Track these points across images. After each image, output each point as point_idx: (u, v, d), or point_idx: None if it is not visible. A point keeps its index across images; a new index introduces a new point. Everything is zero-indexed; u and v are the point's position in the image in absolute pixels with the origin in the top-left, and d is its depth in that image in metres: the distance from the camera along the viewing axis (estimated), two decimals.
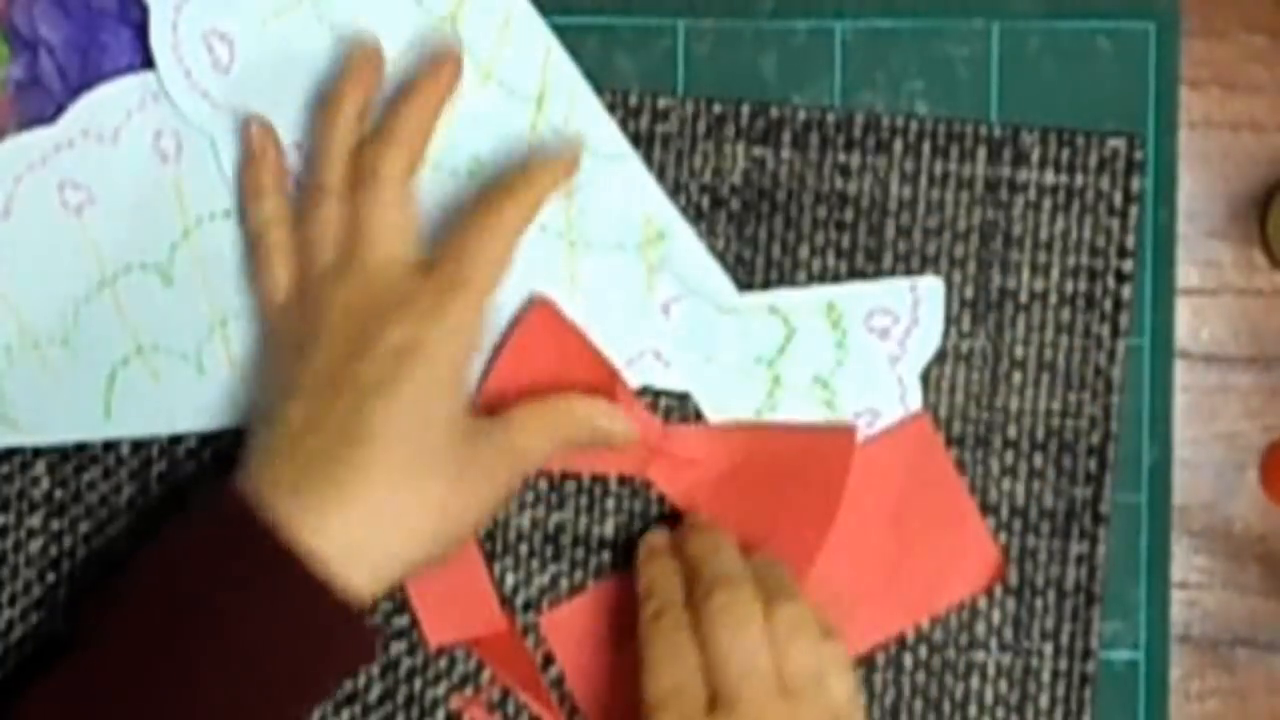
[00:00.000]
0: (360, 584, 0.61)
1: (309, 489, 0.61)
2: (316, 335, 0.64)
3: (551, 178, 0.67)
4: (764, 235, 0.70)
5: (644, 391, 0.70)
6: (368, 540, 0.61)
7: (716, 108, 0.70)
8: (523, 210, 0.65)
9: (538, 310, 0.68)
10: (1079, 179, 0.70)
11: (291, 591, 0.60)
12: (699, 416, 0.70)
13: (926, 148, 0.70)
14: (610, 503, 0.71)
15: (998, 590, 0.70)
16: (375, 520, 0.61)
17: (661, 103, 0.70)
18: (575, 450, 0.69)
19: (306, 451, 0.62)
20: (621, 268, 0.69)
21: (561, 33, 0.69)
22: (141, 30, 0.68)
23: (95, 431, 0.70)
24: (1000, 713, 0.70)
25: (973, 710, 0.70)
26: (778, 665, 0.62)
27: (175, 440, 0.70)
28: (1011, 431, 0.70)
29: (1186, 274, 0.71)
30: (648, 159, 0.70)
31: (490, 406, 0.67)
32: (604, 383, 0.69)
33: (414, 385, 0.62)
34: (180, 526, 0.62)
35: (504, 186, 0.66)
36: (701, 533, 0.68)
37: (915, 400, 0.70)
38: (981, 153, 0.70)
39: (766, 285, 0.70)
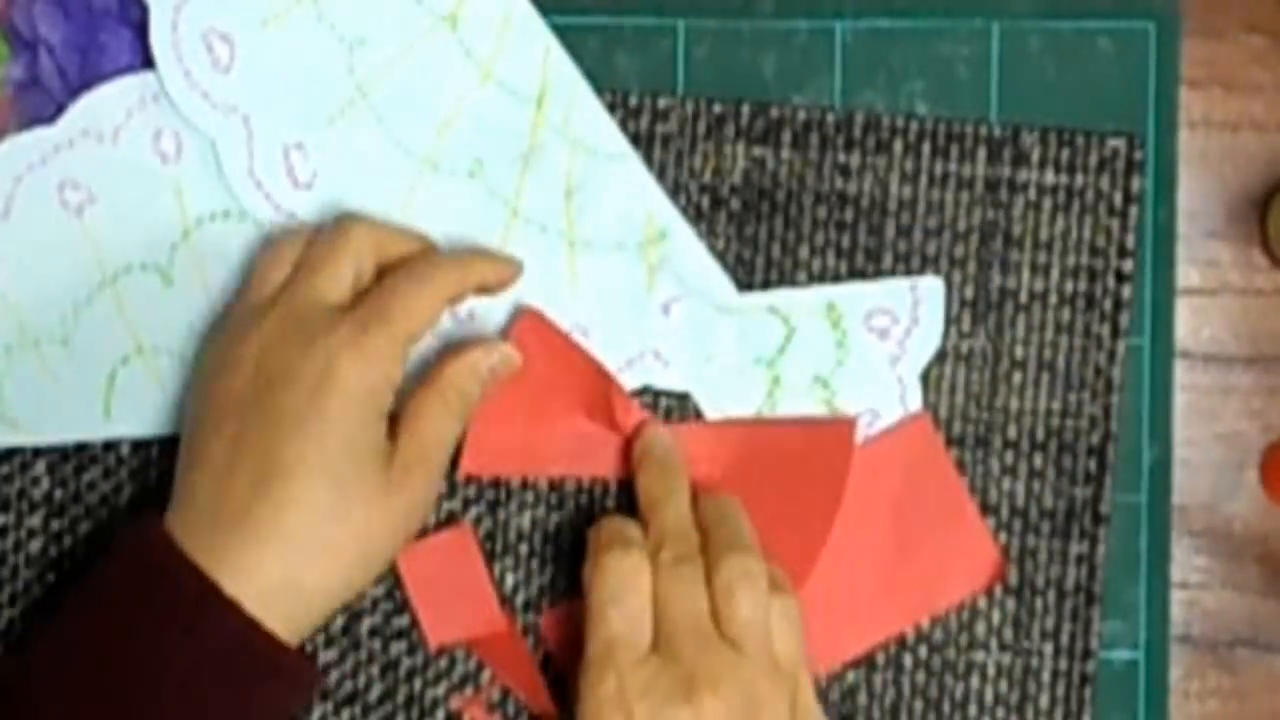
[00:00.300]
0: (290, 619, 0.61)
1: (228, 527, 0.60)
2: (237, 364, 0.63)
3: (492, 268, 0.67)
4: (764, 235, 0.70)
5: (644, 391, 0.70)
6: (290, 578, 0.60)
7: (716, 108, 0.70)
8: (456, 276, 0.65)
9: (525, 320, 0.68)
10: (1079, 179, 0.70)
11: (215, 632, 0.60)
12: (699, 416, 0.70)
13: (926, 148, 0.70)
14: (610, 503, 0.71)
15: (998, 590, 0.70)
16: (298, 556, 0.61)
17: (661, 103, 0.70)
18: (571, 458, 0.70)
19: (228, 487, 0.61)
20: (621, 267, 0.69)
21: (561, 33, 0.69)
22: (141, 30, 0.68)
23: (95, 431, 0.70)
24: (1000, 713, 0.70)
25: (973, 710, 0.70)
26: (723, 616, 0.63)
27: (175, 440, 0.70)
28: (1011, 431, 0.70)
29: (1186, 274, 0.71)
30: (648, 159, 0.70)
31: (487, 421, 0.68)
32: (598, 387, 0.69)
33: (329, 416, 0.61)
34: (107, 566, 0.62)
35: (449, 252, 0.67)
36: (656, 471, 0.68)
37: (915, 400, 0.70)
38: (981, 153, 0.70)
39: (766, 285, 0.70)
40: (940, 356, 0.70)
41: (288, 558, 0.60)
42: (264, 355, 0.63)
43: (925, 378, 0.70)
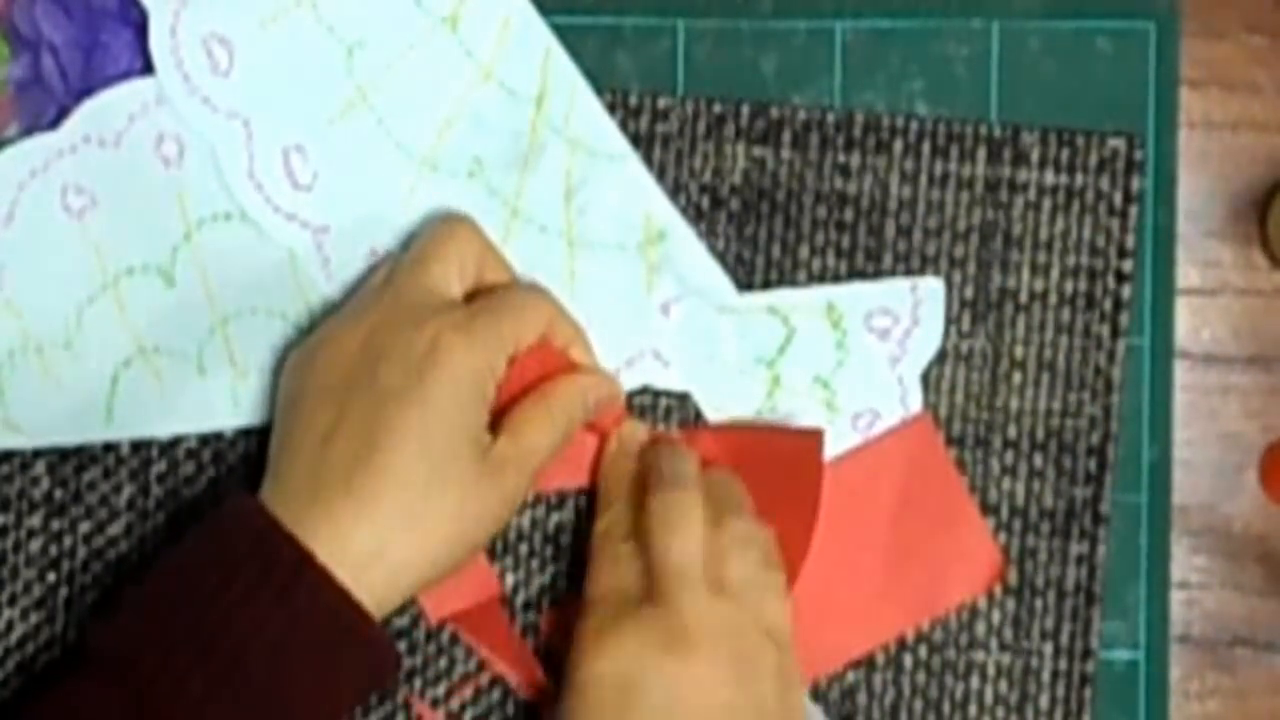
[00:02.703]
0: (378, 591, 0.61)
1: (326, 496, 0.61)
2: (343, 343, 0.64)
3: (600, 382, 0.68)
4: (764, 235, 0.70)
5: (643, 391, 0.70)
6: (382, 549, 0.61)
7: (716, 108, 0.70)
8: (562, 308, 0.67)
9: None
10: (1079, 179, 0.70)
11: (308, 601, 0.60)
12: (699, 417, 0.70)
13: (926, 148, 0.70)
14: None
15: (998, 590, 0.70)
16: (391, 526, 0.61)
17: (661, 103, 0.70)
18: (575, 468, 0.70)
19: (326, 458, 0.62)
20: (621, 268, 0.69)
21: (562, 33, 0.69)
22: (142, 31, 0.68)
23: (97, 434, 0.70)
24: (1000, 713, 0.70)
25: (973, 710, 0.70)
26: (717, 571, 0.64)
27: (175, 440, 0.70)
28: (1011, 431, 0.70)
29: (1186, 274, 0.71)
30: (648, 159, 0.70)
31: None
32: None
33: (431, 392, 0.62)
34: (200, 534, 0.63)
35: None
36: (664, 442, 0.69)
37: (916, 401, 0.70)
38: (981, 153, 0.70)
39: (766, 285, 0.70)
40: (940, 356, 0.70)
41: (381, 527, 0.61)
42: (371, 335, 0.64)
43: (925, 378, 0.70)
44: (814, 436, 0.68)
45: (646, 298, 0.70)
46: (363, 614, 0.61)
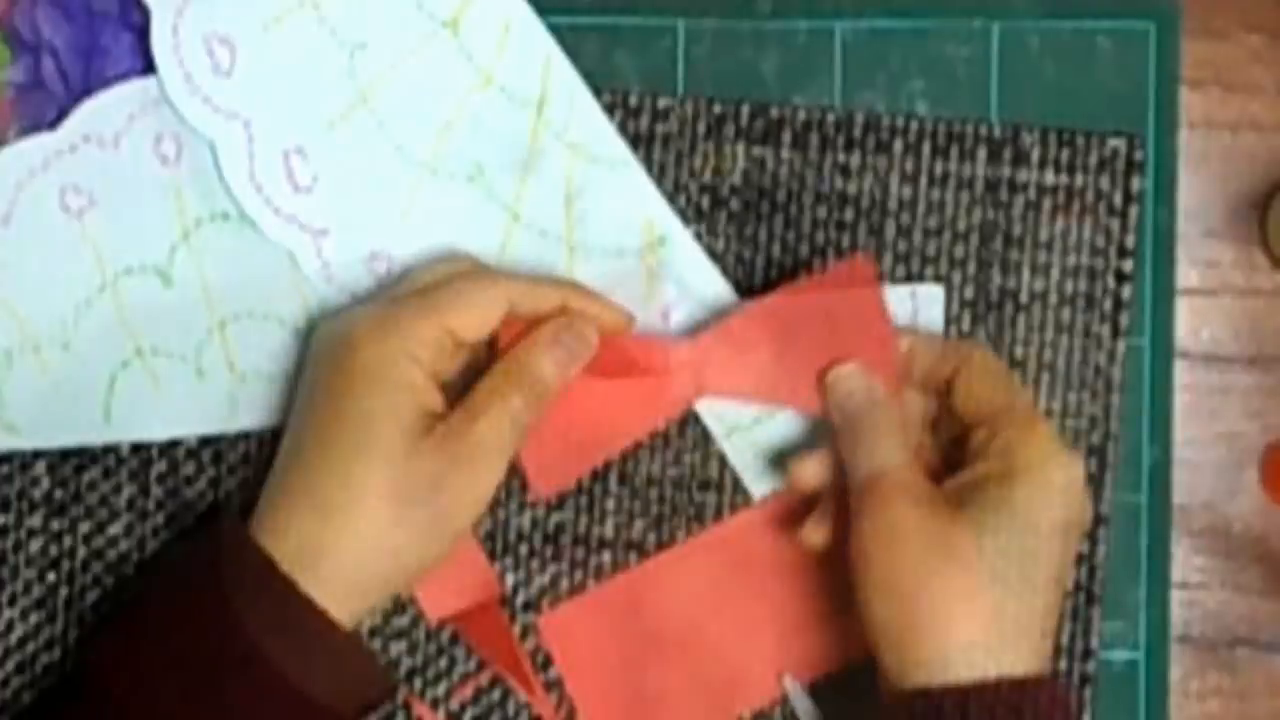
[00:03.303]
0: (326, 586, 0.61)
1: (272, 500, 0.63)
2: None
3: (558, 293, 0.66)
4: (764, 235, 0.70)
5: None
6: (319, 539, 0.61)
7: (716, 108, 0.70)
8: (522, 287, 0.65)
9: (505, 326, 0.65)
10: (1079, 179, 0.70)
11: (274, 609, 0.61)
12: (697, 420, 0.70)
13: (926, 148, 0.70)
14: (610, 503, 0.71)
15: None
16: (321, 517, 0.61)
17: (661, 103, 0.70)
18: (626, 425, 0.70)
19: (280, 466, 0.64)
20: (621, 273, 0.69)
21: (562, 33, 0.69)
22: (142, 34, 0.68)
23: (94, 436, 0.70)
24: None
25: None
26: None
27: (175, 440, 0.71)
28: None
29: (1186, 274, 0.71)
30: (648, 159, 0.70)
31: (537, 439, 0.68)
32: (604, 348, 0.67)
33: (344, 382, 0.63)
34: (183, 558, 0.64)
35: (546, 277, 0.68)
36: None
37: None
38: (981, 153, 0.70)
39: (766, 285, 0.70)
40: None
41: (311, 520, 0.62)
42: (316, 343, 0.66)
43: None
44: (865, 265, 0.66)
45: (646, 303, 0.70)
46: (328, 621, 0.61)
